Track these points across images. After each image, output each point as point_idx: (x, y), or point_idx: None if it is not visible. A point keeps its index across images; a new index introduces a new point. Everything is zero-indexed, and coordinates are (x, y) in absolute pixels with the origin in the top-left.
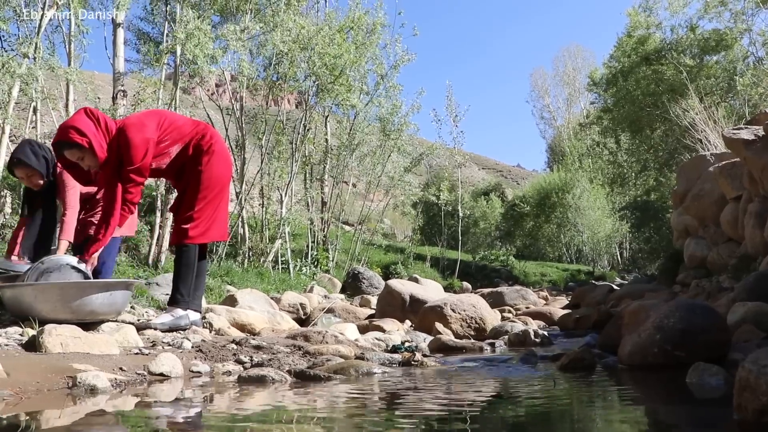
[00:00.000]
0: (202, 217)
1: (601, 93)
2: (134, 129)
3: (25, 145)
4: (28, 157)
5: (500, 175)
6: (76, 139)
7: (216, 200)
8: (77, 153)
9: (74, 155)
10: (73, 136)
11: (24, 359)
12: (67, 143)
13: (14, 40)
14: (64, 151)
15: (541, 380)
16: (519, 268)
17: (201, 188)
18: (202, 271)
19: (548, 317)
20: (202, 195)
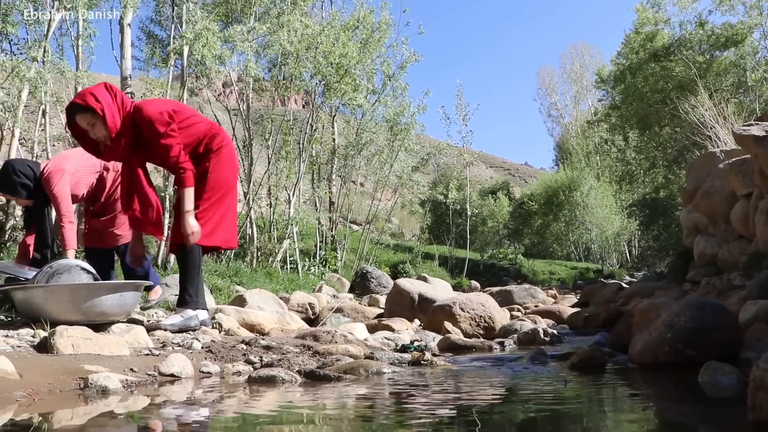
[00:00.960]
0: (206, 218)
1: (608, 90)
2: (149, 104)
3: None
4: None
5: (508, 174)
6: (90, 103)
7: (221, 203)
8: (89, 118)
9: (85, 120)
10: (88, 99)
11: (36, 360)
12: (81, 107)
13: (23, 43)
14: (76, 116)
15: (551, 379)
16: (527, 266)
17: (206, 189)
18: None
19: (557, 315)
20: (207, 196)
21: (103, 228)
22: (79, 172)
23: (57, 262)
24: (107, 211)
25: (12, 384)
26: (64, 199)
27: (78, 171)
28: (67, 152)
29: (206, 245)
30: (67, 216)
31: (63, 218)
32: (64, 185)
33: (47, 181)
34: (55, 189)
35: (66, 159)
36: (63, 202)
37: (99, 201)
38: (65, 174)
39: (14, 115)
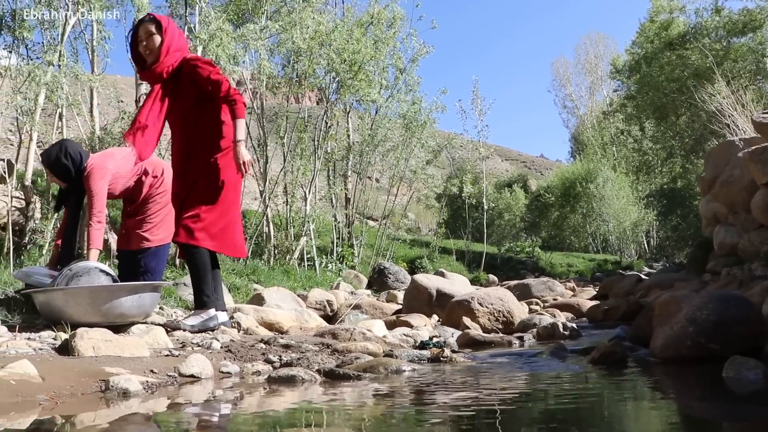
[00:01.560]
0: (210, 219)
1: (624, 80)
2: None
3: (56, 147)
4: (49, 158)
5: (524, 166)
6: (160, 18)
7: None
8: (151, 30)
9: (147, 30)
10: (160, 17)
11: (58, 363)
12: (152, 17)
13: (39, 48)
14: (145, 22)
15: (572, 375)
16: (545, 259)
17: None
18: (218, 281)
19: (576, 309)
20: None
21: (131, 228)
22: (119, 173)
23: (76, 264)
24: (139, 212)
25: (35, 387)
26: (100, 198)
27: (119, 172)
28: (112, 151)
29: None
30: (98, 215)
31: (93, 217)
32: (104, 184)
33: (89, 176)
34: (93, 186)
35: (111, 157)
36: (98, 200)
37: (135, 202)
38: (107, 173)
39: (32, 119)
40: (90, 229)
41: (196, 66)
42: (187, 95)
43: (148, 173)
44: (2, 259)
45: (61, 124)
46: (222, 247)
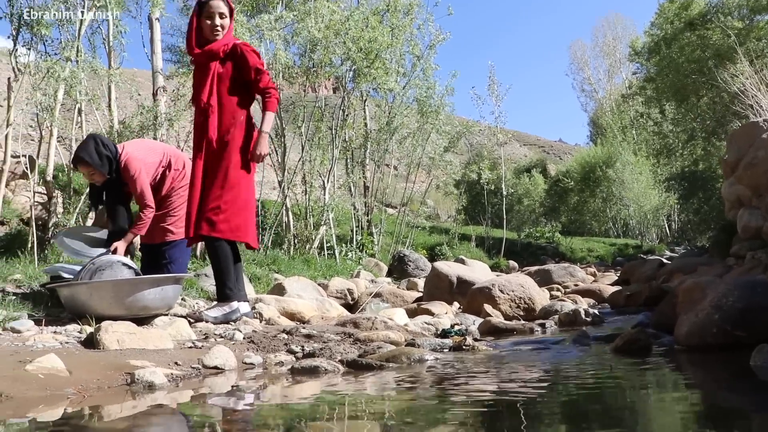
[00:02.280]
0: (231, 210)
1: (643, 62)
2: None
3: (90, 142)
4: (90, 156)
5: (542, 151)
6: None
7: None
8: (225, 11)
9: (220, 9)
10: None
11: (84, 357)
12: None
13: (57, 44)
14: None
15: (596, 363)
16: (565, 244)
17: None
18: (240, 272)
19: (598, 294)
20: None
21: (154, 222)
22: (148, 163)
23: (99, 258)
24: (162, 205)
25: (62, 381)
26: (146, 185)
27: (147, 163)
28: (139, 142)
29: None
30: (149, 201)
31: (145, 204)
32: (143, 172)
33: (128, 166)
34: (137, 176)
35: (140, 148)
36: (145, 188)
37: (160, 194)
38: (142, 162)
39: (51, 115)
40: (142, 215)
41: (246, 52)
42: (228, 79)
43: (171, 166)
44: (27, 253)
45: (81, 119)
46: (243, 237)
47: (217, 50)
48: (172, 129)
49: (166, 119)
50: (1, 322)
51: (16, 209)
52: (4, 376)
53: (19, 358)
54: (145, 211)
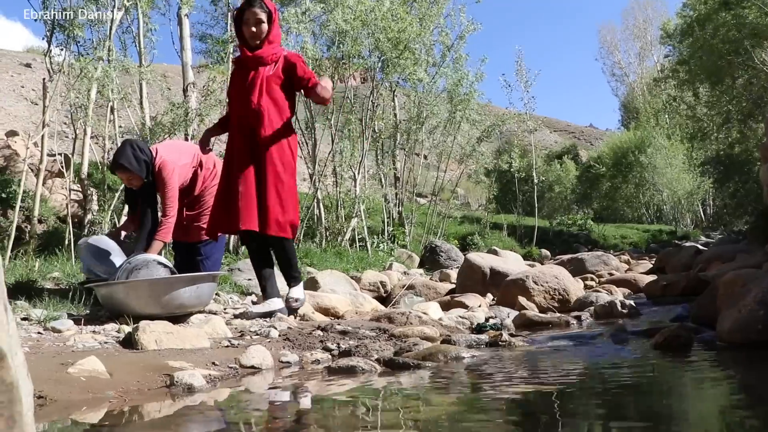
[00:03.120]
0: (290, 208)
1: (675, 45)
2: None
3: (127, 147)
4: (129, 161)
5: (573, 137)
6: (270, 6)
7: (294, 193)
8: (262, 17)
9: (257, 16)
10: (270, 4)
11: (123, 358)
12: (263, 3)
13: (89, 44)
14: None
15: (637, 363)
16: (597, 231)
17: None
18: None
19: (633, 284)
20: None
21: (189, 221)
22: (180, 166)
23: (135, 257)
24: (196, 205)
25: (103, 383)
26: (175, 191)
27: (180, 164)
28: (172, 144)
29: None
30: (173, 209)
31: (168, 210)
32: (176, 177)
33: (162, 169)
34: (168, 180)
35: (173, 151)
36: (173, 194)
37: (192, 194)
38: (177, 166)
39: (85, 114)
40: (163, 222)
41: (297, 63)
42: (276, 84)
43: (202, 166)
44: (64, 251)
45: (113, 117)
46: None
47: (267, 57)
48: (203, 124)
49: (196, 115)
50: (42, 322)
51: (53, 207)
52: (48, 379)
53: (61, 361)
54: (168, 217)
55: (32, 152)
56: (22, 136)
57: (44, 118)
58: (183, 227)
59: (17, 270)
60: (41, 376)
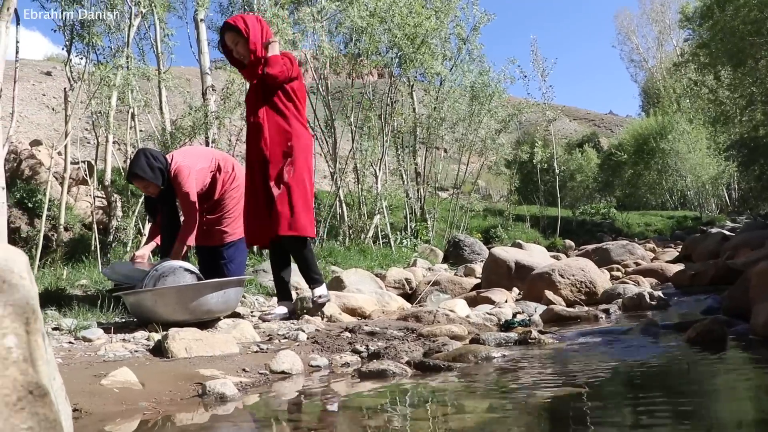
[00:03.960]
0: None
1: (695, 28)
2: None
3: (141, 157)
4: (144, 171)
5: (593, 125)
6: (238, 23)
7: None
8: (234, 37)
9: (231, 39)
10: (237, 20)
11: (154, 367)
12: (230, 25)
13: (108, 52)
14: (226, 33)
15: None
16: (621, 219)
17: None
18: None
19: (660, 274)
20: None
21: (210, 225)
22: (197, 170)
23: (161, 264)
24: (216, 209)
25: (136, 394)
26: (192, 195)
27: (197, 169)
28: (189, 149)
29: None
30: (192, 212)
31: (188, 214)
32: (192, 181)
33: (177, 175)
34: (184, 184)
35: (189, 156)
36: (191, 198)
37: (212, 199)
38: (192, 171)
39: (107, 122)
40: (183, 226)
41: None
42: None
43: (221, 169)
44: (90, 257)
45: (134, 123)
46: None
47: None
48: (222, 127)
49: (215, 118)
50: (72, 331)
51: (79, 215)
52: (82, 391)
53: (93, 372)
54: (188, 221)
55: (56, 161)
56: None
57: (66, 128)
58: (204, 231)
59: (46, 278)
60: (75, 389)
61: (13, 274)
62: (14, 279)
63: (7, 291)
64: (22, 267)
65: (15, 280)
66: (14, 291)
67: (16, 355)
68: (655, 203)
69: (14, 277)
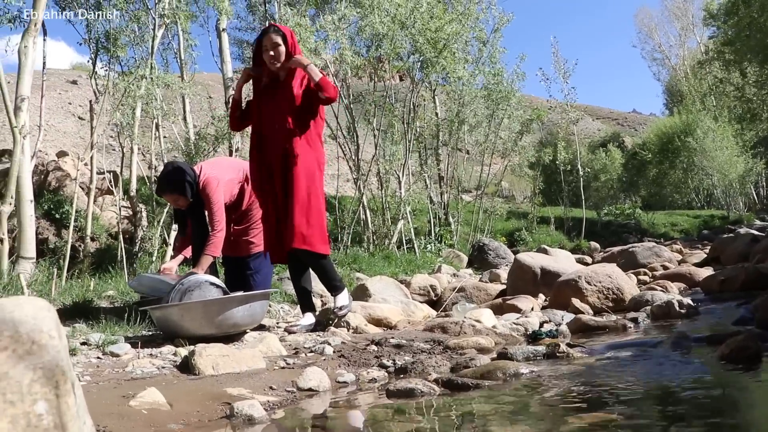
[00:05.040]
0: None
1: (720, 25)
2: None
3: (169, 171)
4: (173, 185)
5: (616, 124)
6: (283, 29)
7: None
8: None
9: (273, 41)
10: (282, 27)
11: (182, 387)
12: (277, 29)
13: (132, 63)
14: (270, 33)
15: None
16: (646, 220)
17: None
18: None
19: (689, 278)
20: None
21: (237, 236)
22: (225, 181)
23: (187, 278)
24: (244, 219)
25: (164, 415)
26: (220, 206)
27: (225, 180)
28: (217, 160)
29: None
30: (220, 223)
31: (216, 225)
32: (221, 193)
33: (205, 187)
34: (212, 195)
35: (217, 167)
36: (218, 209)
37: (240, 210)
38: (221, 182)
39: (132, 133)
40: (213, 236)
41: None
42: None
43: (248, 180)
44: (117, 267)
45: (158, 134)
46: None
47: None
48: (245, 137)
49: None
50: (100, 346)
51: (104, 224)
52: (111, 413)
53: (122, 392)
54: (215, 232)
55: (82, 171)
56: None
57: (92, 139)
58: (231, 242)
59: (73, 290)
60: (104, 410)
61: (42, 334)
62: (43, 339)
63: (37, 353)
64: (51, 324)
65: (44, 340)
66: (44, 353)
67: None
68: (681, 202)
69: (43, 336)
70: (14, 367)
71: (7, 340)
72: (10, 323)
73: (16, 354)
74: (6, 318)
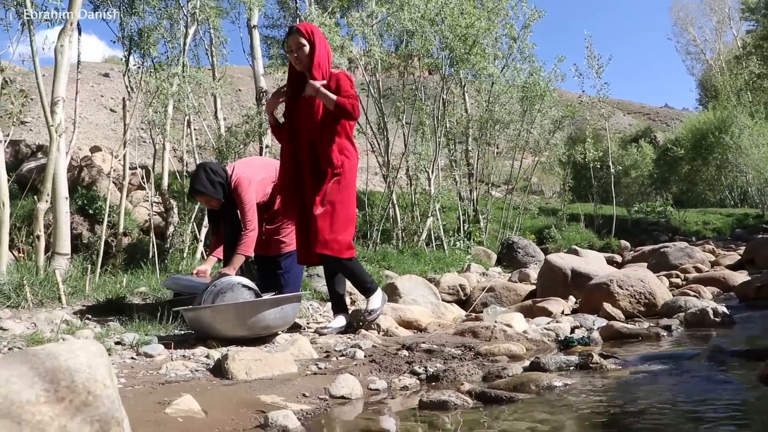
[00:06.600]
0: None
1: (758, 19)
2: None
3: (201, 172)
4: (205, 186)
5: (648, 119)
6: (307, 30)
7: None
8: (301, 41)
9: (297, 41)
10: (306, 27)
11: (216, 393)
12: (300, 30)
13: (164, 59)
14: (294, 33)
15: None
16: (678, 217)
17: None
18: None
19: (723, 283)
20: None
21: (269, 235)
22: (257, 181)
23: (220, 280)
24: (276, 219)
25: (199, 424)
26: (252, 206)
27: (257, 180)
28: (249, 160)
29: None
30: (252, 222)
31: (248, 224)
32: (252, 193)
33: (237, 187)
34: (244, 195)
35: (249, 167)
36: (250, 209)
37: (272, 209)
38: (253, 182)
39: (164, 130)
40: (245, 235)
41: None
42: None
43: None
44: (148, 263)
45: (190, 131)
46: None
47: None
48: None
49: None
50: (135, 346)
51: (136, 220)
52: (148, 420)
53: (157, 398)
54: (247, 231)
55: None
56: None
57: (125, 138)
58: (263, 242)
59: (107, 286)
60: (140, 418)
61: (96, 384)
62: (98, 389)
63: (93, 404)
64: (105, 372)
65: (99, 390)
66: (99, 404)
67: None
68: (714, 200)
69: (98, 386)
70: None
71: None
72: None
73: (73, 405)
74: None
